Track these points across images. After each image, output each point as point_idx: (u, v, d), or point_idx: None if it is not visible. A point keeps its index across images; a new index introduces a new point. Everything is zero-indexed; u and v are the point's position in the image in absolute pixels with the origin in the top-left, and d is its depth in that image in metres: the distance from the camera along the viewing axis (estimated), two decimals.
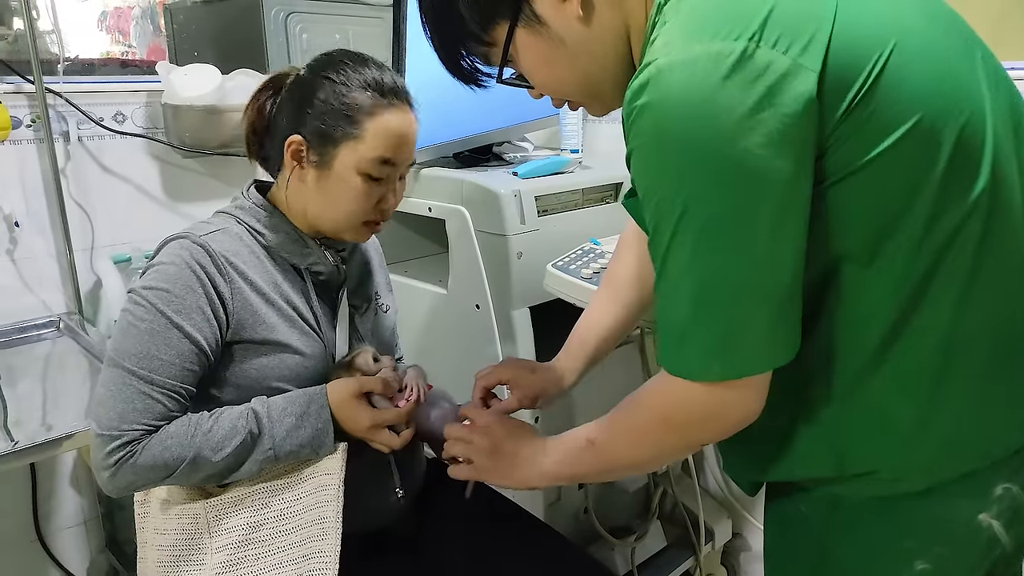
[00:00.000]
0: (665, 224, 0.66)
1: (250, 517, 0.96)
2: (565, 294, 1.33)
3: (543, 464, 0.89)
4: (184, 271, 0.93)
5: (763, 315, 0.66)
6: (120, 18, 2.67)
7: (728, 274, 0.65)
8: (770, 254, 0.64)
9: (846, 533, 0.77)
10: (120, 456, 0.88)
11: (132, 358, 0.90)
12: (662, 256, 0.67)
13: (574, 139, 1.69)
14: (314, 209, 1.02)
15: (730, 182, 0.62)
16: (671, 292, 0.68)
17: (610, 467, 0.85)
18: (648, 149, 0.65)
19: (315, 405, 0.97)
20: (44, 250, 1.59)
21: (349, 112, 0.97)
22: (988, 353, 0.70)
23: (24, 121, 1.53)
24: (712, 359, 0.67)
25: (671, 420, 0.74)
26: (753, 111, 0.61)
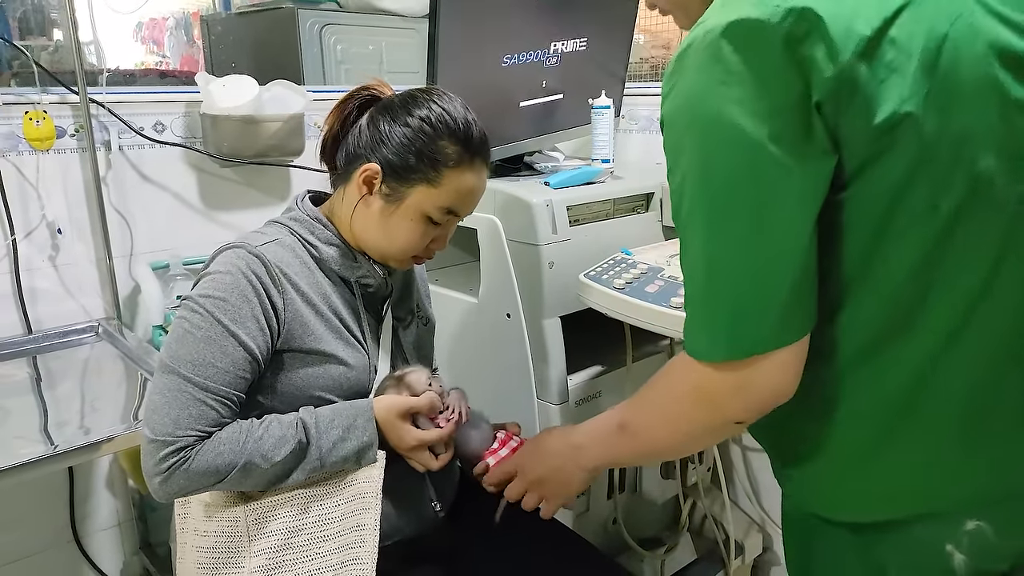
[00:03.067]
0: (681, 199, 0.68)
1: (289, 522, 0.97)
2: (597, 304, 1.33)
3: (584, 465, 0.94)
4: (240, 280, 0.94)
5: (772, 292, 0.65)
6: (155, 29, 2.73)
7: (735, 252, 0.65)
8: (779, 233, 0.64)
9: (823, 542, 0.80)
10: (174, 462, 0.89)
11: (188, 365, 0.91)
12: (681, 232, 0.69)
13: (605, 149, 1.69)
14: (370, 235, 1.04)
15: (742, 160, 0.63)
16: (687, 269, 0.70)
17: (645, 450, 0.86)
18: (671, 119, 0.69)
19: (362, 419, 0.99)
20: (85, 256, 1.62)
21: (433, 159, 0.98)
22: (964, 399, 0.69)
23: (68, 131, 1.56)
24: (717, 338, 0.68)
25: (698, 396, 0.73)
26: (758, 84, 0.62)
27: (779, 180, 0.63)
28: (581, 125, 1.80)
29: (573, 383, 1.54)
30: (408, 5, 2.17)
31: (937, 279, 0.66)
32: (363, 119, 1.02)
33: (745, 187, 0.64)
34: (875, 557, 0.76)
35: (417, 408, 1.00)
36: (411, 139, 0.98)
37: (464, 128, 0.99)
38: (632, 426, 0.83)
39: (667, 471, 1.70)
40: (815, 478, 0.77)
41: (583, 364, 1.60)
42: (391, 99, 1.02)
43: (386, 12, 2.15)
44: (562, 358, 1.49)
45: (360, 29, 2.11)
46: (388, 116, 1.00)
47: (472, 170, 1.01)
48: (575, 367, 1.57)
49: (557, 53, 1.67)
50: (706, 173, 0.65)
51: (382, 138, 0.99)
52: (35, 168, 1.54)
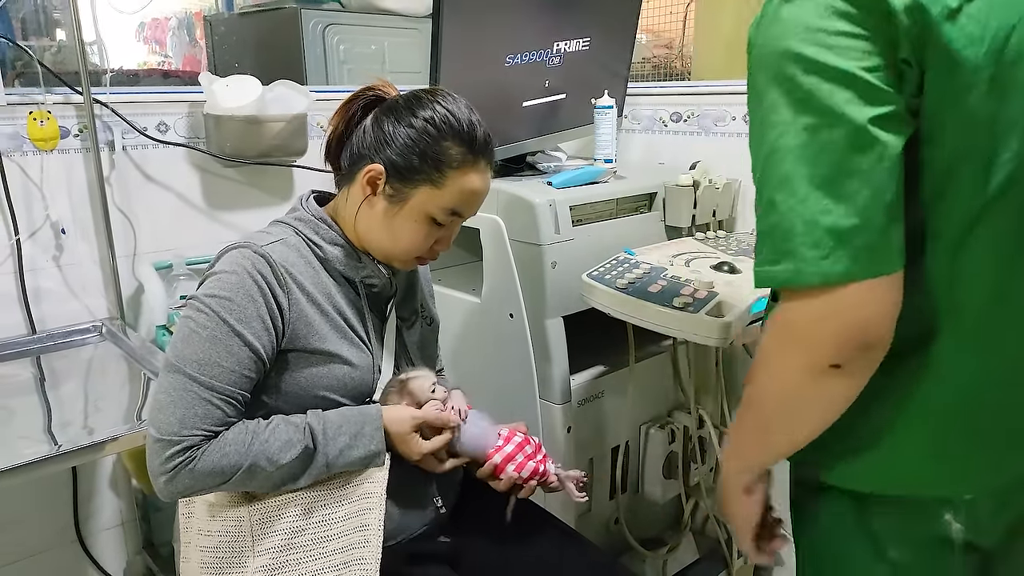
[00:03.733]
0: (771, 128, 0.67)
1: (293, 522, 0.97)
2: (600, 304, 1.34)
3: (736, 470, 0.84)
4: (246, 280, 0.94)
5: (868, 220, 0.64)
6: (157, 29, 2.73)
7: (834, 179, 0.65)
8: (876, 161, 0.64)
9: (824, 510, 0.82)
10: (179, 461, 0.90)
11: (194, 364, 0.91)
12: (768, 161, 0.68)
13: (608, 149, 1.69)
14: (374, 236, 1.04)
15: (843, 94, 0.64)
16: (775, 195, 0.67)
17: (763, 422, 0.77)
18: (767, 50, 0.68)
19: (370, 426, 0.99)
20: (88, 256, 1.62)
21: (437, 161, 0.98)
22: (986, 396, 0.72)
23: (72, 131, 1.57)
24: (808, 263, 0.65)
25: (787, 333, 0.70)
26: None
27: (878, 110, 0.64)
28: (584, 125, 1.80)
29: (576, 383, 1.54)
30: (411, 5, 2.17)
31: (965, 270, 0.69)
32: (367, 120, 1.02)
33: (846, 117, 0.64)
34: (873, 524, 0.78)
35: (427, 422, 1.01)
36: (415, 140, 0.98)
37: (468, 129, 0.99)
38: (747, 397, 0.77)
39: (669, 471, 1.70)
40: (831, 448, 0.77)
41: (586, 364, 1.60)
42: (396, 100, 1.03)
43: (389, 12, 2.15)
44: (565, 358, 1.49)
45: (363, 29, 2.11)
46: (392, 117, 1.00)
47: (476, 171, 1.01)
48: (578, 367, 1.57)
49: (560, 53, 1.67)
50: (807, 103, 0.65)
51: (386, 139, 0.99)
52: (39, 168, 1.54)
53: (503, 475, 1.05)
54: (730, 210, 1.73)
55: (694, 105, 1.85)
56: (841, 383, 0.69)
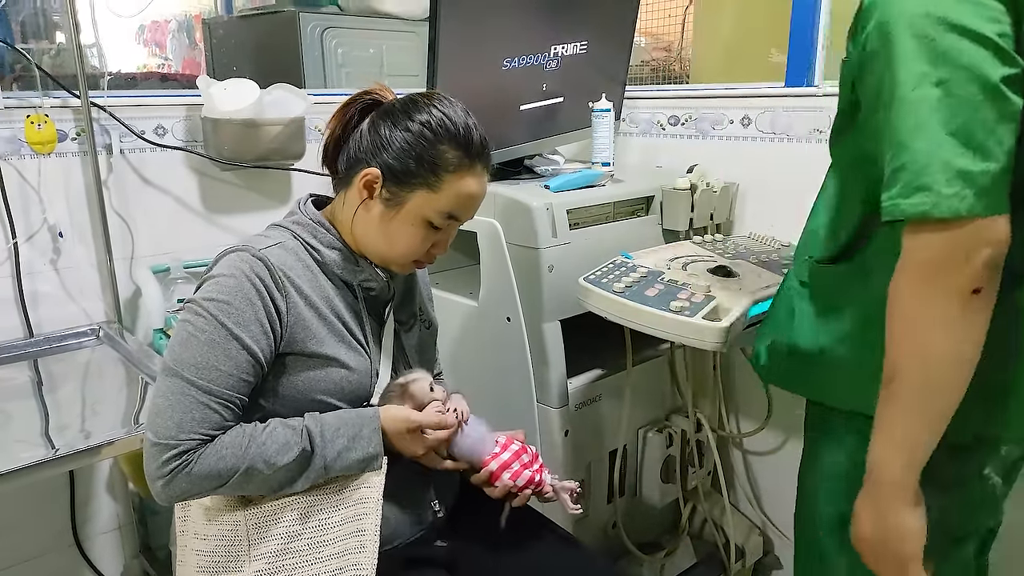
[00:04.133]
0: (905, 75, 0.73)
1: (289, 527, 0.97)
2: (597, 308, 1.33)
3: (894, 485, 0.78)
4: (244, 284, 0.94)
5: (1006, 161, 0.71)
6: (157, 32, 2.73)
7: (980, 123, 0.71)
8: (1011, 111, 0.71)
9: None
10: (176, 465, 0.90)
11: (191, 368, 0.91)
12: (899, 102, 0.73)
13: (605, 152, 1.70)
14: (371, 239, 1.04)
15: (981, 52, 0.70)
16: (911, 126, 0.72)
17: (926, 379, 0.74)
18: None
19: (368, 428, 0.99)
20: (86, 259, 1.62)
21: (433, 164, 0.99)
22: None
23: (70, 134, 1.57)
24: (964, 195, 0.70)
25: (932, 266, 0.73)
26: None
27: (1007, 71, 0.71)
28: (581, 128, 1.80)
29: (573, 387, 1.54)
30: (409, 8, 2.18)
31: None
32: (364, 123, 1.02)
33: (982, 75, 0.70)
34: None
35: (426, 425, 1.01)
36: (412, 144, 0.98)
37: (465, 133, 1.00)
38: (895, 367, 0.75)
39: (667, 475, 1.70)
40: None
41: (583, 368, 1.60)
42: (392, 104, 1.03)
43: (387, 15, 2.16)
44: (562, 362, 1.49)
45: (361, 32, 2.12)
46: (389, 121, 1.00)
47: (473, 175, 1.01)
48: (575, 371, 1.57)
49: (557, 56, 1.68)
50: (945, 58, 0.71)
51: (383, 143, 0.99)
52: (36, 171, 1.54)
53: (498, 482, 1.05)
54: (727, 213, 1.73)
55: (692, 108, 1.85)
56: (984, 308, 0.73)
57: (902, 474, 0.76)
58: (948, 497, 0.81)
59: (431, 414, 1.01)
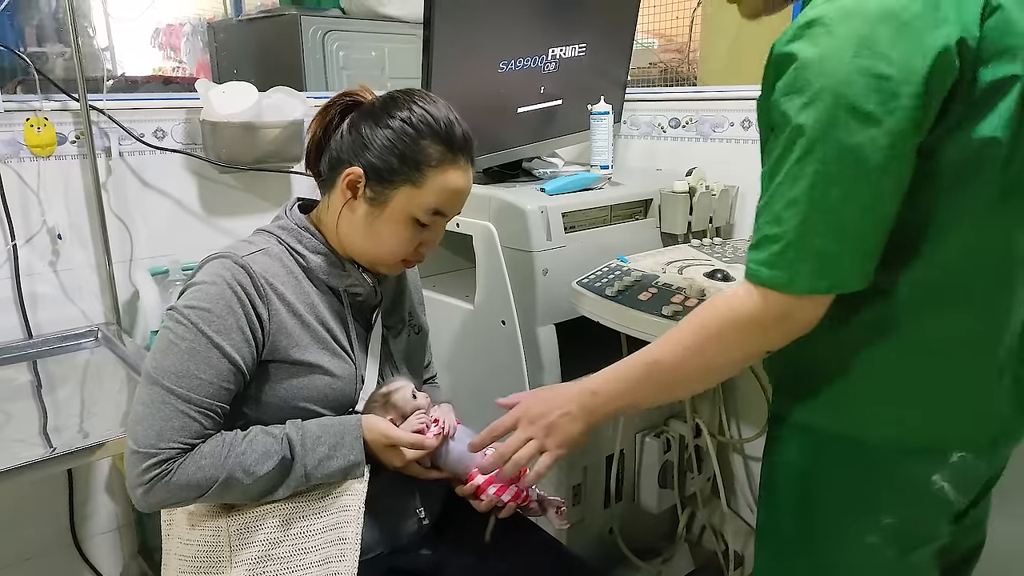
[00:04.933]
0: (790, 144, 0.74)
1: (271, 533, 0.96)
2: (589, 312, 1.32)
3: (596, 409, 0.96)
4: (225, 291, 0.94)
5: (866, 237, 0.74)
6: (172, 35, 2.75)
7: (843, 197, 0.72)
8: (883, 185, 0.72)
9: (821, 475, 0.88)
10: (155, 474, 0.89)
11: (171, 376, 0.91)
12: (776, 174, 0.76)
13: (604, 155, 1.69)
14: (357, 240, 1.03)
15: (867, 115, 0.70)
16: (779, 208, 0.76)
17: (675, 382, 0.90)
18: (804, 74, 0.73)
19: (349, 436, 0.98)
20: (85, 262, 1.63)
21: (416, 160, 0.98)
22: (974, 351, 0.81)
23: (69, 137, 1.58)
24: (808, 274, 0.75)
25: (753, 326, 0.80)
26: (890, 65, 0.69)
27: (904, 147, 0.72)
28: (581, 131, 1.79)
29: None
30: (412, 11, 2.17)
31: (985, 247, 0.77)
32: (344, 124, 1.02)
33: (872, 149, 0.71)
34: (867, 486, 0.84)
35: (401, 444, 1.00)
36: (393, 141, 0.98)
37: (446, 128, 0.99)
38: (664, 361, 0.87)
39: (665, 480, 1.69)
40: (837, 396, 0.85)
41: (580, 371, 1.58)
42: (372, 103, 1.02)
43: (389, 18, 2.15)
44: (556, 366, 1.48)
45: (363, 35, 2.12)
46: (370, 120, 1.00)
47: (456, 169, 1.00)
48: (572, 375, 1.55)
49: (555, 59, 1.67)
50: (838, 130, 0.71)
51: (364, 142, 0.99)
52: (36, 174, 1.55)
53: (484, 496, 1.04)
54: (727, 216, 1.72)
55: (693, 111, 1.83)
56: (758, 358, 0.87)
57: (600, 418, 0.96)
58: (897, 504, 0.84)
59: (407, 434, 1.00)
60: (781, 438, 0.93)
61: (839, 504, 0.86)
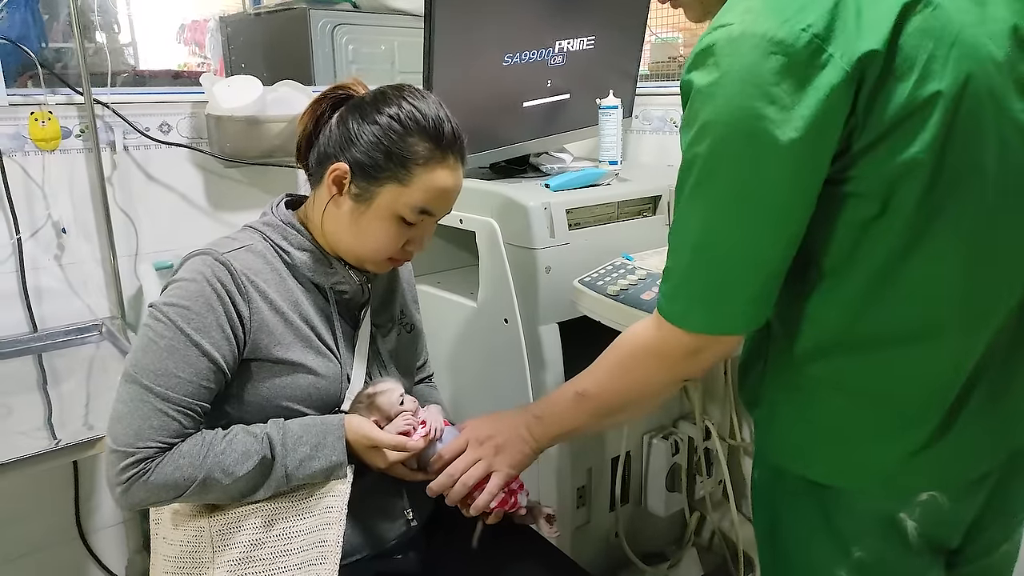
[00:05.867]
0: (685, 177, 0.72)
1: (252, 535, 0.94)
2: (590, 311, 1.29)
3: (541, 435, 0.98)
4: (205, 288, 0.92)
5: (751, 282, 0.72)
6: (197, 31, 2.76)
7: (729, 238, 0.70)
8: (771, 228, 0.70)
9: (790, 507, 0.86)
10: (133, 473, 0.88)
11: (150, 375, 0.90)
12: (677, 206, 0.75)
13: (612, 151, 1.64)
14: (342, 237, 1.01)
15: (752, 154, 0.67)
16: (676, 242, 0.76)
17: (603, 410, 0.91)
18: (695, 104, 0.70)
19: (332, 436, 0.96)
20: (90, 256, 1.63)
21: (403, 158, 0.95)
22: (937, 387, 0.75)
23: (74, 131, 1.58)
24: (698, 313, 0.75)
25: (659, 356, 0.81)
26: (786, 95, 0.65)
27: (794, 190, 0.68)
28: (590, 125, 1.75)
29: None
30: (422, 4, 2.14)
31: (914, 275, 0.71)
32: (334, 118, 1.00)
33: (759, 189, 0.68)
34: (834, 521, 0.82)
35: (383, 446, 0.97)
36: (379, 137, 0.95)
37: (435, 125, 0.96)
38: (590, 391, 0.90)
39: (673, 483, 1.65)
40: (785, 436, 0.84)
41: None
42: (361, 98, 1.00)
43: (399, 12, 2.13)
44: (559, 366, 1.45)
45: (372, 29, 2.09)
46: (358, 115, 0.97)
47: (444, 167, 0.98)
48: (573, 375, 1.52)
49: (563, 52, 1.63)
50: (723, 166, 0.69)
51: (351, 137, 0.97)
52: (41, 168, 1.55)
53: (471, 502, 1.02)
54: None
55: None
56: (678, 385, 0.90)
57: (545, 443, 0.99)
58: (864, 537, 0.81)
59: (389, 436, 0.97)
60: (755, 466, 0.93)
61: (806, 535, 0.85)
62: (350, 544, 0.99)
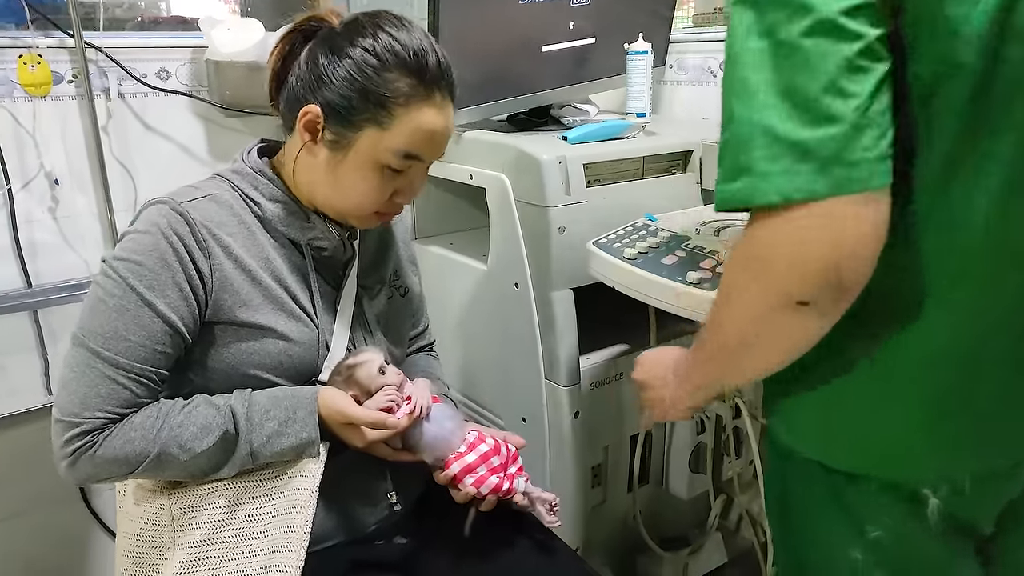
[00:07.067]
0: (733, 26, 0.59)
1: (216, 515, 0.86)
2: (603, 275, 1.17)
3: (684, 392, 0.82)
4: (159, 242, 0.83)
5: (841, 135, 0.55)
6: None
7: (807, 93, 0.55)
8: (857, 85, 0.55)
9: (800, 483, 0.77)
10: (79, 446, 0.80)
11: (98, 338, 0.81)
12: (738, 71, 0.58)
13: (640, 101, 1.50)
14: (319, 190, 0.90)
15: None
16: (736, 106, 0.59)
17: (720, 350, 0.70)
18: None
19: (303, 411, 0.86)
20: (85, 208, 1.56)
21: (380, 97, 0.83)
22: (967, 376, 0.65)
23: (66, 76, 1.49)
24: (768, 178, 0.56)
25: (748, 258, 0.61)
26: None
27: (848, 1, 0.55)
28: (618, 74, 1.60)
29: (590, 363, 1.38)
30: None
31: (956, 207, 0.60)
32: (303, 54, 0.88)
33: (812, 8, 0.55)
34: (846, 498, 0.73)
35: (361, 423, 0.87)
36: (353, 74, 0.83)
37: (416, 57, 0.84)
38: (705, 328, 0.71)
39: (697, 464, 1.53)
40: (803, 417, 0.75)
41: (604, 342, 1.44)
42: (333, 29, 0.87)
43: None
44: (573, 335, 1.33)
45: None
46: (328, 49, 0.85)
47: (430, 105, 0.85)
48: (595, 345, 1.41)
49: None
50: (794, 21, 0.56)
51: (322, 75, 0.85)
52: (31, 115, 1.47)
53: (461, 486, 0.92)
54: None
55: None
56: (810, 323, 0.61)
57: (691, 398, 0.82)
58: (882, 515, 0.72)
59: (366, 413, 0.87)
60: (769, 447, 0.83)
61: (816, 514, 0.76)
62: (323, 528, 0.90)
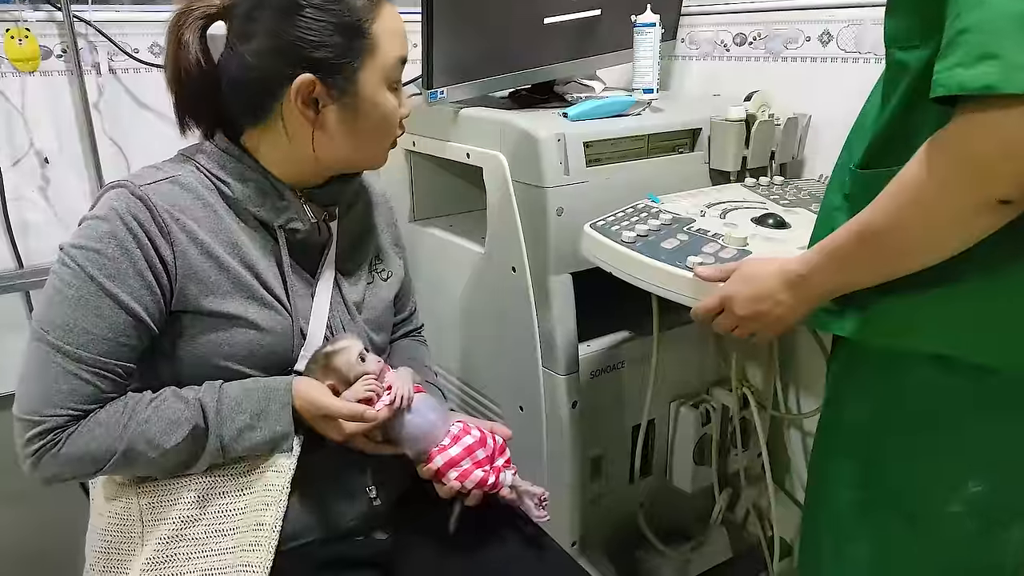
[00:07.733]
0: None
1: (185, 510, 0.83)
2: (599, 259, 1.11)
3: (808, 296, 0.78)
4: (118, 228, 0.78)
5: None
6: None
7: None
8: None
9: (897, 429, 0.76)
10: (41, 445, 0.76)
11: (57, 330, 0.77)
12: None
13: (648, 76, 1.42)
14: (346, 152, 0.88)
15: None
16: None
17: (893, 253, 0.69)
18: None
19: (276, 404, 0.82)
20: (77, 188, 1.53)
21: (356, 23, 0.82)
22: None
23: (55, 51, 1.45)
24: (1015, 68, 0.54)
25: (962, 159, 0.60)
26: None
27: None
28: (625, 48, 1.53)
29: (590, 351, 1.32)
30: None
31: None
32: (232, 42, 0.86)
33: None
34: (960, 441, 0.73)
35: (337, 415, 0.83)
36: (321, 23, 0.80)
37: None
38: (874, 230, 0.69)
39: (702, 456, 1.47)
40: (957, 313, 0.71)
41: (607, 329, 1.38)
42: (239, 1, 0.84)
43: None
44: (572, 322, 1.27)
45: None
46: (272, 15, 0.81)
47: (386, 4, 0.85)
48: (596, 332, 1.35)
49: None
50: None
51: (284, 48, 0.80)
52: (20, 91, 1.44)
53: (445, 480, 0.87)
54: (793, 151, 1.43)
55: (761, 24, 1.54)
56: (1003, 219, 0.61)
57: (823, 295, 0.78)
58: (991, 465, 0.73)
59: (342, 404, 0.83)
60: (846, 390, 0.82)
61: (914, 464, 0.75)
62: (298, 525, 0.86)
